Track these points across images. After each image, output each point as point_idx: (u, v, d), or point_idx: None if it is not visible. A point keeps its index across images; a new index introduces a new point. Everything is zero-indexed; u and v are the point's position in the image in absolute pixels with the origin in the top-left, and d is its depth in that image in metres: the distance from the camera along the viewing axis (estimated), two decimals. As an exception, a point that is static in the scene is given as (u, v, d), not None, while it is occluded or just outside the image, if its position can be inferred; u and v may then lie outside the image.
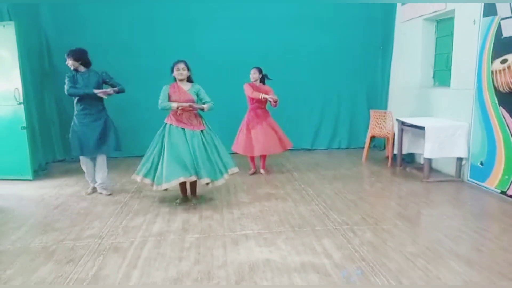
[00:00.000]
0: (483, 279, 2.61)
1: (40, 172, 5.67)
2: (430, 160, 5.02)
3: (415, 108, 6.02)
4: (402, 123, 5.52)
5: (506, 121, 4.30)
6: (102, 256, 3.02)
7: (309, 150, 7.15)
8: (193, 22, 6.58)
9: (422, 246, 3.10)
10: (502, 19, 4.30)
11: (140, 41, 6.51)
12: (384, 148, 6.75)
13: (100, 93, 4.37)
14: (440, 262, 2.84)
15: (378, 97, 7.14)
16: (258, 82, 5.26)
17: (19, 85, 5.12)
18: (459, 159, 4.97)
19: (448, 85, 5.33)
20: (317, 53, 6.88)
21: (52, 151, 6.38)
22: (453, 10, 5.16)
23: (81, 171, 4.80)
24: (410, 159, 6.08)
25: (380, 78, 7.10)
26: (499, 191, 4.38)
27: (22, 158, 5.19)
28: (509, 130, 4.27)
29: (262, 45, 6.65)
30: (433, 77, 6.02)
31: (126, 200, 4.40)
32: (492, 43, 4.45)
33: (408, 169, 5.56)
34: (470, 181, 4.86)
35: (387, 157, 6.06)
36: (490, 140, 4.53)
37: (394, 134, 5.88)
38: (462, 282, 2.57)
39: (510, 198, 4.21)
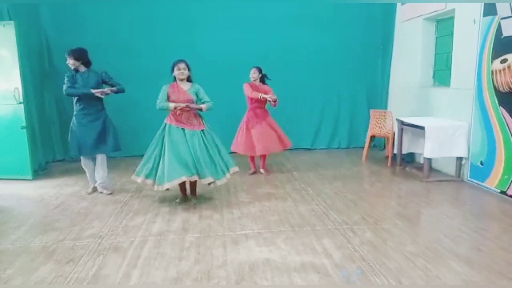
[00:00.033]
0: (483, 279, 2.61)
1: (40, 172, 5.67)
2: (430, 160, 5.02)
3: (415, 108, 6.02)
4: (402, 123, 5.52)
5: (506, 121, 4.30)
6: (102, 256, 3.02)
7: (309, 150, 7.15)
8: (193, 22, 6.58)
9: (422, 246, 3.10)
10: (502, 19, 4.30)
11: (140, 41, 6.51)
12: (384, 148, 6.75)
13: (97, 93, 4.36)
14: (440, 262, 2.84)
15: (378, 97, 7.14)
16: (258, 82, 5.27)
17: (19, 85, 5.12)
18: (459, 159, 4.97)
19: (448, 85, 5.33)
20: (317, 53, 6.88)
21: (52, 151, 6.39)
22: (453, 10, 5.16)
23: (81, 171, 4.81)
24: (410, 159, 6.09)
25: (380, 78, 7.10)
26: (499, 191, 4.38)
27: (22, 158, 5.20)
28: (509, 130, 4.27)
29: (262, 45, 6.65)
30: (433, 77, 6.02)
31: (126, 200, 4.40)
32: (492, 43, 4.45)
33: (408, 169, 5.56)
34: (470, 181, 4.86)
35: (387, 157, 6.06)
36: (490, 140, 4.53)
37: (394, 134, 5.88)
38: (462, 282, 2.58)
39: (510, 198, 4.21)
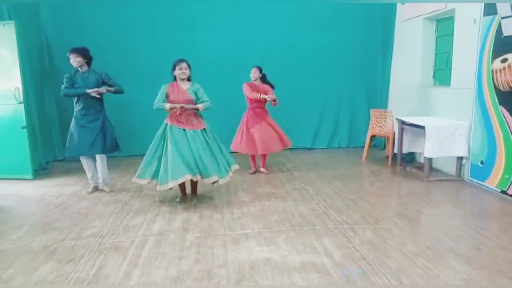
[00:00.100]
0: (483, 278, 2.61)
1: (41, 172, 5.67)
2: (430, 159, 5.02)
3: (415, 108, 6.03)
4: (402, 122, 5.53)
5: (506, 120, 4.30)
6: (103, 255, 3.02)
7: (309, 150, 7.15)
8: (193, 22, 6.58)
9: (422, 245, 3.10)
10: (503, 18, 4.31)
11: (140, 41, 6.51)
12: (384, 148, 6.75)
13: (93, 92, 4.35)
14: (440, 261, 2.84)
15: (378, 97, 7.14)
16: (258, 81, 5.27)
17: (19, 85, 5.12)
18: (459, 158, 4.97)
19: (448, 84, 5.33)
20: (317, 53, 6.88)
21: (53, 151, 6.39)
22: (453, 9, 5.16)
23: (82, 171, 4.81)
24: (410, 158, 6.09)
25: (380, 78, 7.10)
26: (499, 190, 4.38)
27: (22, 158, 5.20)
28: (509, 129, 4.27)
29: (262, 45, 6.65)
30: (433, 77, 6.02)
31: (127, 200, 4.40)
32: (492, 42, 4.45)
33: (408, 168, 5.56)
34: (470, 180, 4.86)
35: (387, 157, 6.06)
36: (490, 139, 4.53)
37: (394, 134, 5.88)
38: (462, 281, 2.58)
39: (510, 197, 4.21)
